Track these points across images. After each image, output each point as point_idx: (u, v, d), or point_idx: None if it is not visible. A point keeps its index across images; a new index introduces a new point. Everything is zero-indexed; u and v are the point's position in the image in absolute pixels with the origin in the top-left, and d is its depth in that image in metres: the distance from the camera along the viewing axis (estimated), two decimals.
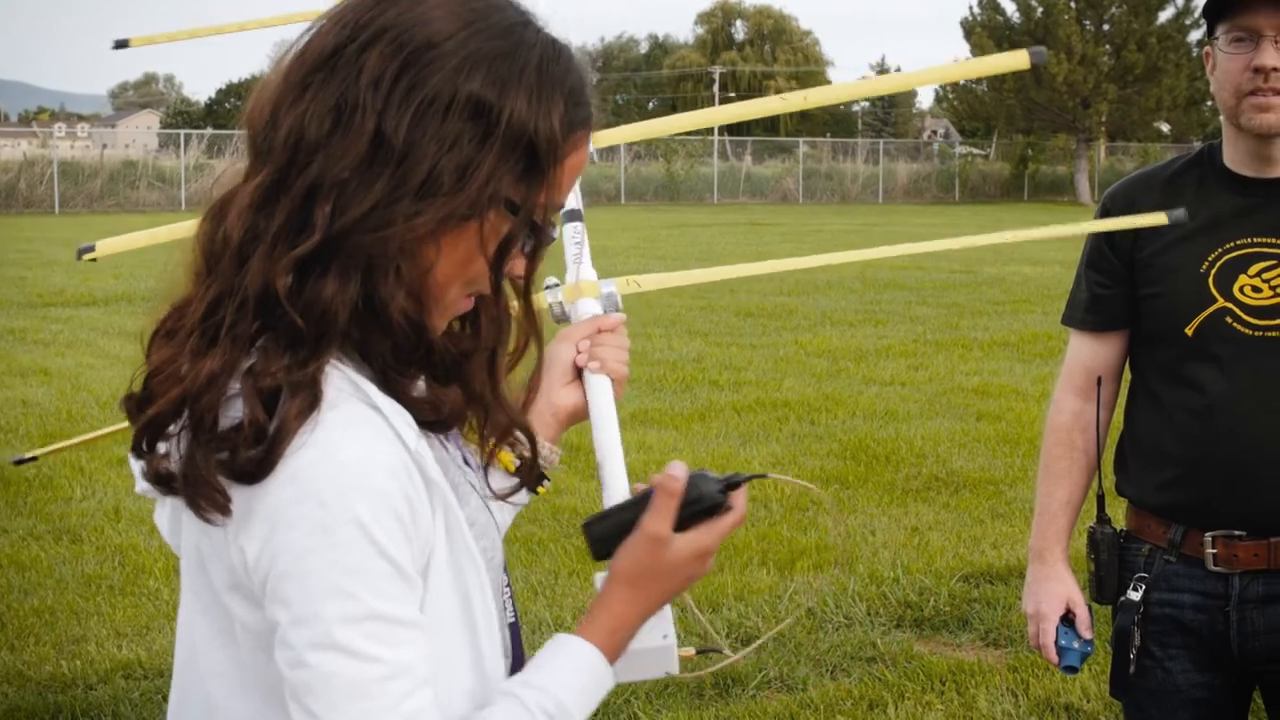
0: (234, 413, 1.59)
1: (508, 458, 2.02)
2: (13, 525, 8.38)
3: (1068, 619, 3.35)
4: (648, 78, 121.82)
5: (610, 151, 62.76)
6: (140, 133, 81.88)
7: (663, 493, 1.81)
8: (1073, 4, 62.16)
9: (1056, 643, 3.33)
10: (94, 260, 2.71)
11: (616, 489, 2.09)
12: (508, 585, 1.92)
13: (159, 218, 41.77)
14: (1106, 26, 62.45)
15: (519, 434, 1.88)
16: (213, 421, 1.58)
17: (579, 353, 2.15)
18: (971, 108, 67.81)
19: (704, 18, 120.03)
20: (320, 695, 1.56)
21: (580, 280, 2.30)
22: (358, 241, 1.59)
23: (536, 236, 1.71)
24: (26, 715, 5.64)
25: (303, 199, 1.60)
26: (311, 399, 1.58)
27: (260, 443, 1.56)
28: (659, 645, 1.95)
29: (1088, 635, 3.35)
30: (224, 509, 1.58)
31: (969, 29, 64.95)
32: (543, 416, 2.12)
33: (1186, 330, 3.15)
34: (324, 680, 1.56)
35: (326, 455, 1.56)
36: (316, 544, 1.55)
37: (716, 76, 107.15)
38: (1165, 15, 62.58)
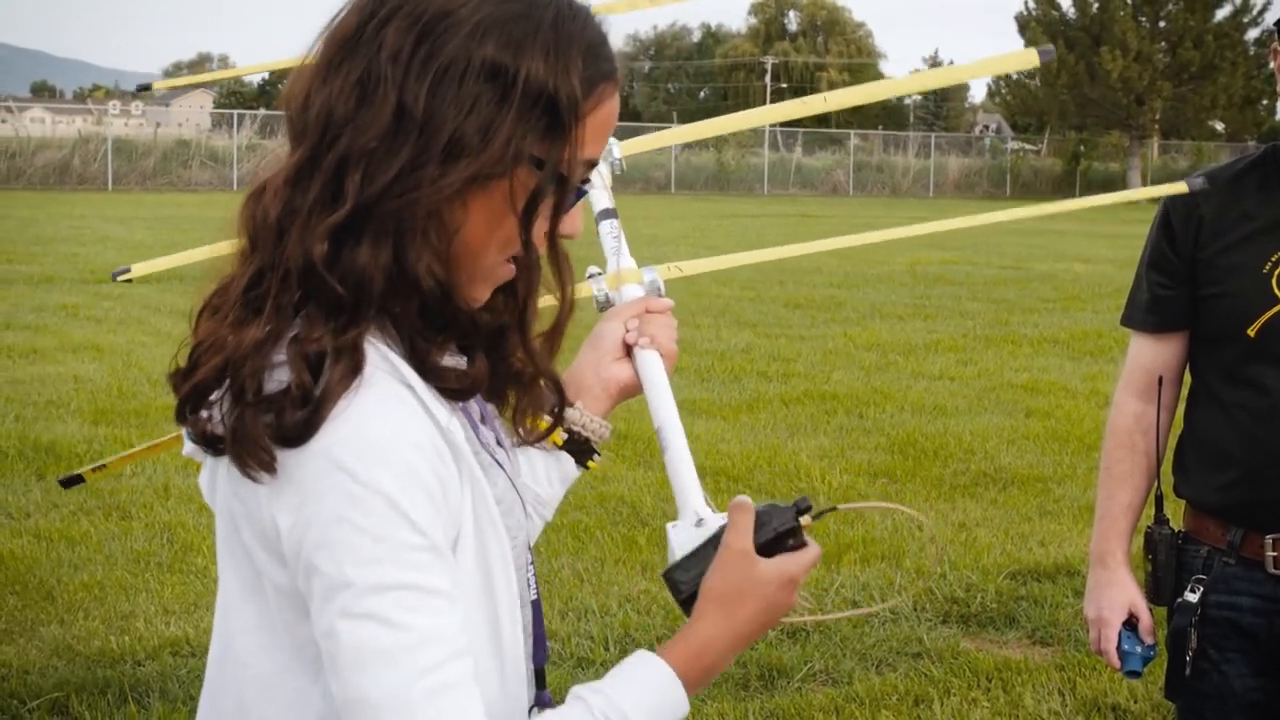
0: (279, 378, 1.63)
1: (554, 432, 2.05)
2: (63, 500, 8.43)
3: (1130, 624, 3.33)
4: (699, 67, 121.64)
5: None
6: (194, 112, 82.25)
7: (737, 510, 1.84)
8: (1129, 0, 61.80)
9: (1119, 647, 3.31)
10: (129, 281, 2.75)
11: (678, 452, 2.07)
12: (531, 563, 1.93)
13: (211, 197, 42.03)
14: (1163, 23, 62.10)
15: (546, 389, 1.90)
16: (257, 387, 1.63)
17: (628, 330, 2.14)
18: (1024, 103, 67.49)
19: (757, 8, 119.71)
20: (349, 662, 1.59)
21: (622, 269, 2.30)
22: (387, 207, 1.64)
23: (563, 190, 1.72)
24: (75, 689, 5.68)
25: (334, 172, 1.65)
26: (354, 364, 1.63)
27: (306, 405, 1.60)
28: None
29: (1150, 640, 3.33)
30: (270, 467, 1.61)
31: (1024, 23, 64.64)
32: (593, 391, 2.14)
33: (1249, 331, 3.12)
34: (353, 647, 1.58)
35: (358, 430, 1.60)
36: (346, 514, 1.58)
37: (769, 67, 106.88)
38: (1222, 13, 62.20)
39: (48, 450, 9.56)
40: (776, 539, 1.83)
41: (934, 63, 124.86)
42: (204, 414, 1.68)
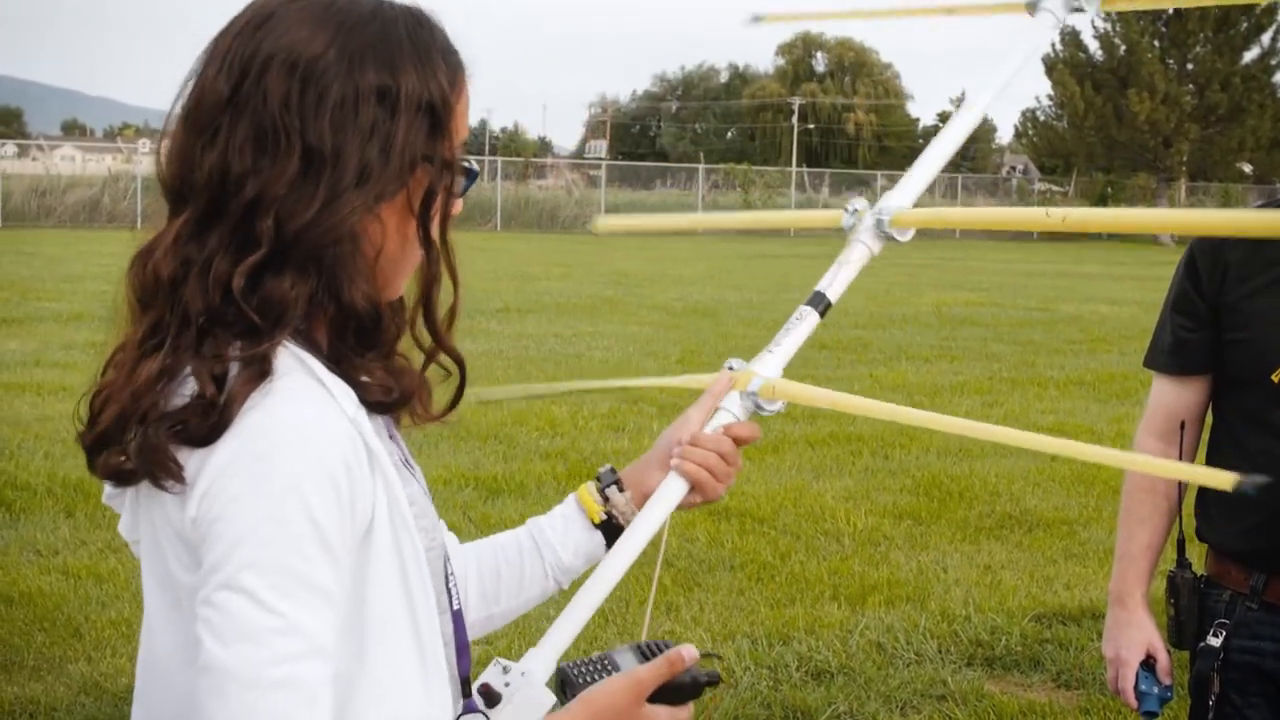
0: (184, 392, 1.69)
1: (594, 507, 2.17)
2: (91, 538, 8.47)
3: (1148, 664, 3.34)
4: (727, 107, 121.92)
5: (689, 180, 62.84)
6: None
7: (673, 657, 1.92)
8: (1156, 43, 61.82)
9: (1136, 688, 3.32)
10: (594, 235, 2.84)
11: (592, 593, 2.09)
12: (451, 574, 1.97)
13: None
14: (1190, 65, 62.08)
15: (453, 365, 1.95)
16: (160, 409, 1.69)
17: (678, 444, 2.20)
18: (1051, 144, 67.52)
19: (785, 48, 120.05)
20: (213, 631, 1.60)
21: (746, 369, 2.29)
22: (311, 240, 1.72)
23: (451, 176, 1.85)
24: None
25: (241, 220, 1.72)
26: (261, 371, 1.68)
27: (212, 412, 1.65)
28: None
29: (1168, 681, 3.34)
30: (179, 476, 1.67)
31: (1050, 65, 64.67)
32: (648, 488, 2.24)
33: (1273, 377, 3.13)
34: (221, 617, 1.60)
35: (270, 416, 1.65)
36: (247, 492, 1.62)
37: (796, 108, 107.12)
38: (1250, 55, 62.18)
39: (76, 488, 9.58)
40: (669, 693, 1.90)
41: (961, 104, 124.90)
42: (112, 449, 1.74)
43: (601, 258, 36.64)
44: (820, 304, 2.33)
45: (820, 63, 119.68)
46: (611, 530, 2.22)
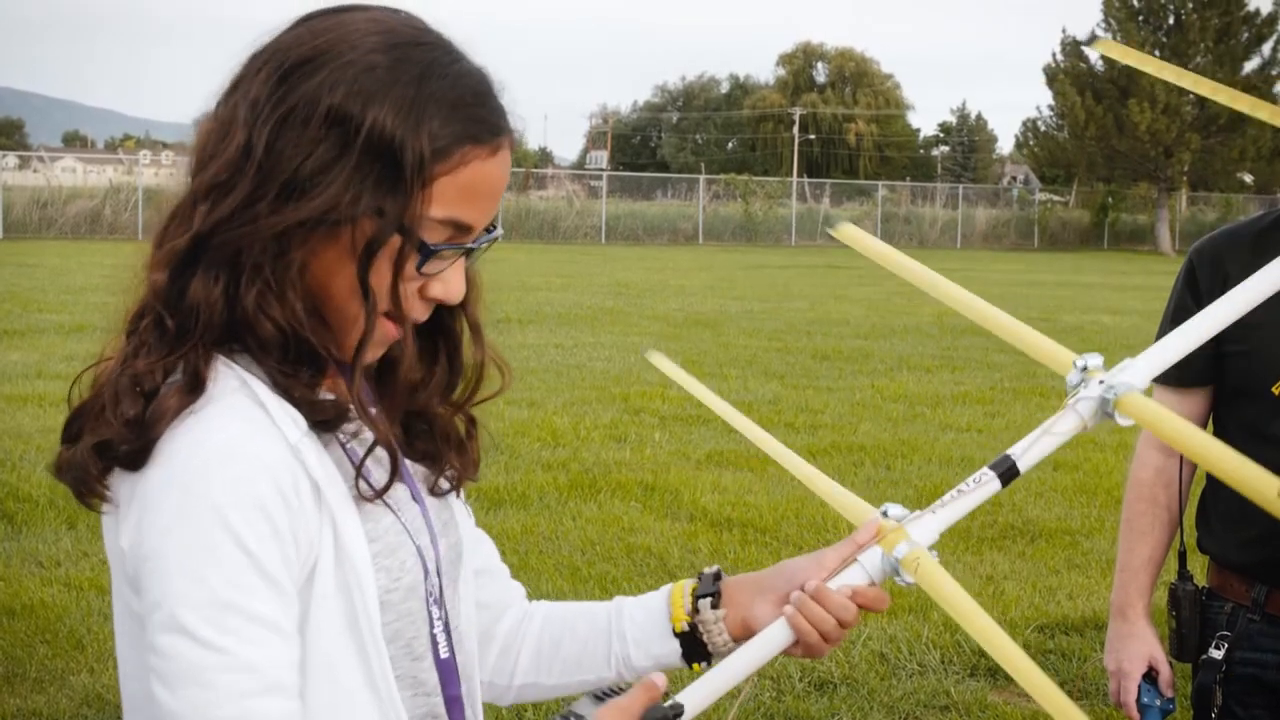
0: (122, 407, 1.64)
1: (680, 614, 2.03)
2: (93, 549, 8.46)
3: (1150, 676, 3.34)
4: (728, 118, 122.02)
5: (689, 190, 62.87)
6: None
7: (648, 683, 1.85)
8: (1157, 52, 61.82)
9: (1139, 700, 3.32)
10: (831, 237, 2.40)
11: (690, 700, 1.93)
12: (439, 618, 1.85)
13: None
14: None
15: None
16: (99, 424, 1.65)
17: (797, 590, 1.98)
18: (1052, 154, 67.56)
19: (785, 59, 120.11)
20: (161, 678, 1.55)
21: (902, 522, 2.05)
22: (223, 238, 1.65)
23: (405, 243, 1.68)
24: None
25: (190, 203, 1.69)
26: (189, 384, 1.63)
27: (134, 430, 1.61)
28: None
29: (1170, 693, 3.34)
30: (102, 495, 1.64)
31: (1051, 75, 64.80)
32: (737, 609, 2.04)
33: (1274, 389, 3.14)
34: (165, 663, 1.55)
35: (197, 442, 1.59)
36: (174, 526, 1.56)
37: (796, 118, 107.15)
38: (1251, 65, 62.24)
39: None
40: None
41: (962, 114, 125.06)
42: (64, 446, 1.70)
43: (602, 268, 36.64)
44: (1005, 470, 2.01)
45: (821, 73, 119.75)
46: (691, 643, 2.04)
